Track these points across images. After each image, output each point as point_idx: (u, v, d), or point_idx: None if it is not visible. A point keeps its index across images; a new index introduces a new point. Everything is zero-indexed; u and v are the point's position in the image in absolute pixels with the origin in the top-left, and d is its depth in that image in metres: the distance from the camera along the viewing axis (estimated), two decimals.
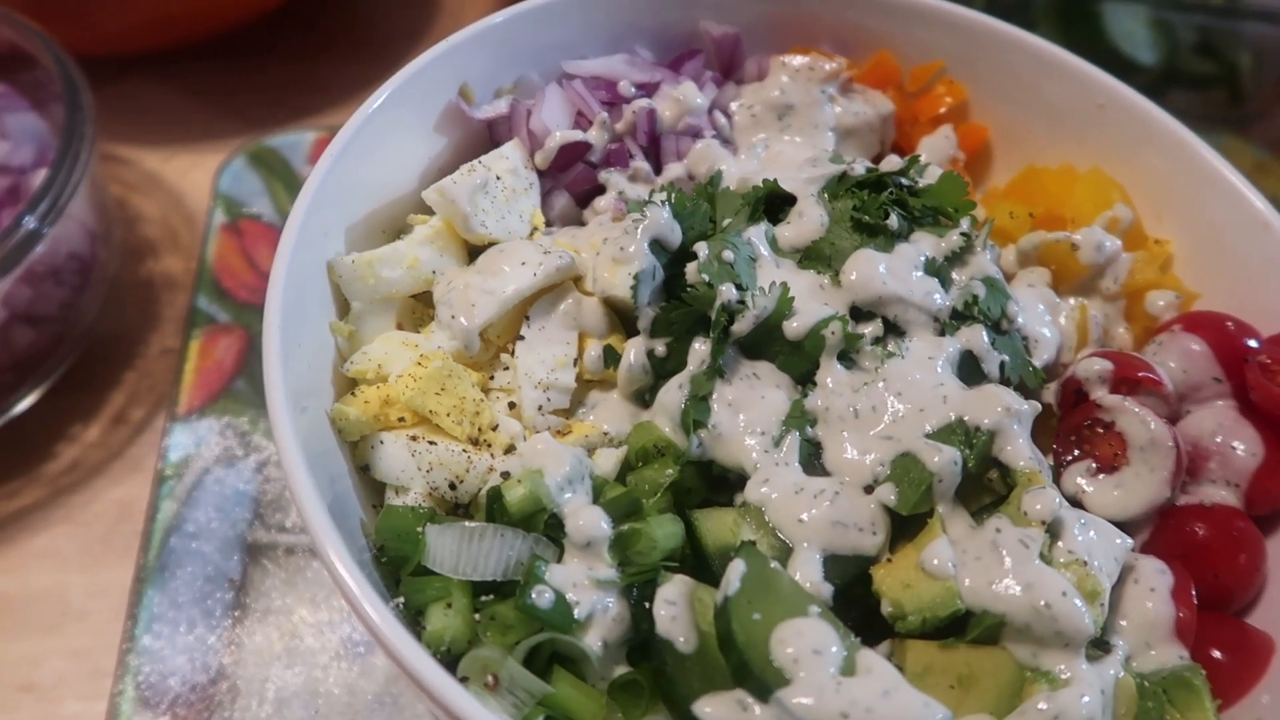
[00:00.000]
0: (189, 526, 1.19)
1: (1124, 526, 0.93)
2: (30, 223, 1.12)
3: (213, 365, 1.34)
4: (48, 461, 1.26)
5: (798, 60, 1.23)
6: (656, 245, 0.97)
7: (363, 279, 0.97)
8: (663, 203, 0.98)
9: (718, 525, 0.90)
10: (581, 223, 1.15)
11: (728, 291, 0.94)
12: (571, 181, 1.13)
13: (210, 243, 1.46)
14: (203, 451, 1.25)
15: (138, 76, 1.67)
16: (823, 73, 1.22)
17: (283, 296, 0.88)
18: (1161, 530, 0.95)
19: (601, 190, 1.14)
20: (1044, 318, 1.06)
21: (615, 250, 0.97)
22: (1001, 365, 0.98)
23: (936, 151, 1.24)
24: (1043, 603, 0.79)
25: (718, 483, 0.95)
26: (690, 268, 0.96)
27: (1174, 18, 1.64)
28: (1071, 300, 1.11)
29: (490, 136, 1.16)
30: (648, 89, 1.19)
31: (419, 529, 0.85)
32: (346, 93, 1.68)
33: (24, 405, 1.25)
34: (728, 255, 0.97)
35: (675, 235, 0.98)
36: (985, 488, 0.91)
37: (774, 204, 1.07)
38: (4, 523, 1.20)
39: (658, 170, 1.17)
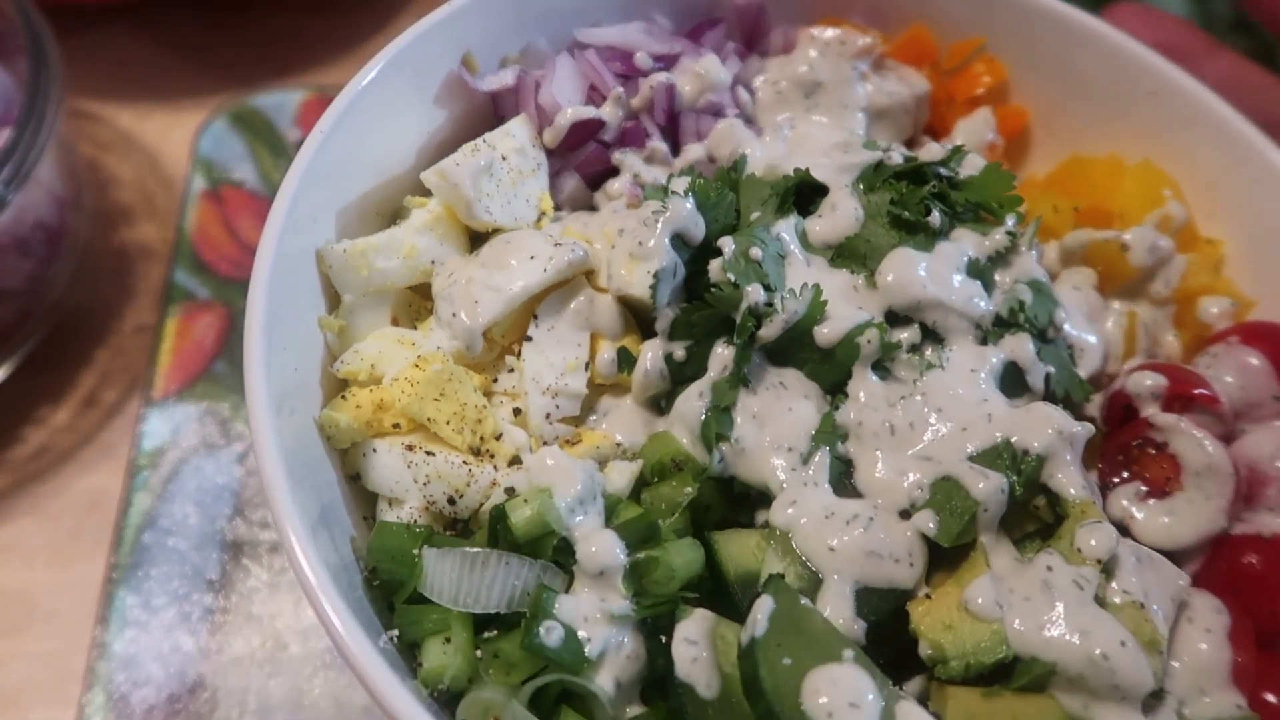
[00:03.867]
0: (164, 521, 1.11)
1: (1172, 556, 0.86)
2: None
3: (191, 345, 1.26)
4: (13, 446, 1.18)
5: (829, 33, 1.14)
6: (678, 240, 0.89)
7: (355, 270, 0.88)
8: (686, 193, 0.90)
9: (739, 549, 0.83)
10: (592, 206, 1.06)
11: (755, 293, 0.86)
12: (582, 162, 1.04)
13: (189, 211, 1.36)
14: (180, 439, 1.17)
15: (111, 26, 1.54)
16: (855, 47, 1.13)
17: (267, 291, 0.79)
18: (1214, 561, 0.88)
19: (614, 172, 1.05)
20: (1089, 324, 0.99)
21: (633, 244, 0.89)
22: (1047, 377, 0.91)
23: (974, 136, 1.15)
24: (1099, 652, 0.72)
25: (738, 499, 0.88)
26: (714, 265, 0.88)
27: None
28: (1116, 304, 1.03)
29: (494, 110, 1.06)
30: (666, 61, 1.09)
31: (415, 551, 0.78)
32: (337, 49, 1.56)
33: None
34: (755, 252, 0.88)
35: (698, 229, 0.90)
36: (1029, 514, 0.84)
37: (803, 193, 0.98)
38: None
39: (675, 151, 1.08)
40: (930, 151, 1.00)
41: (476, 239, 0.97)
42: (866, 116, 1.14)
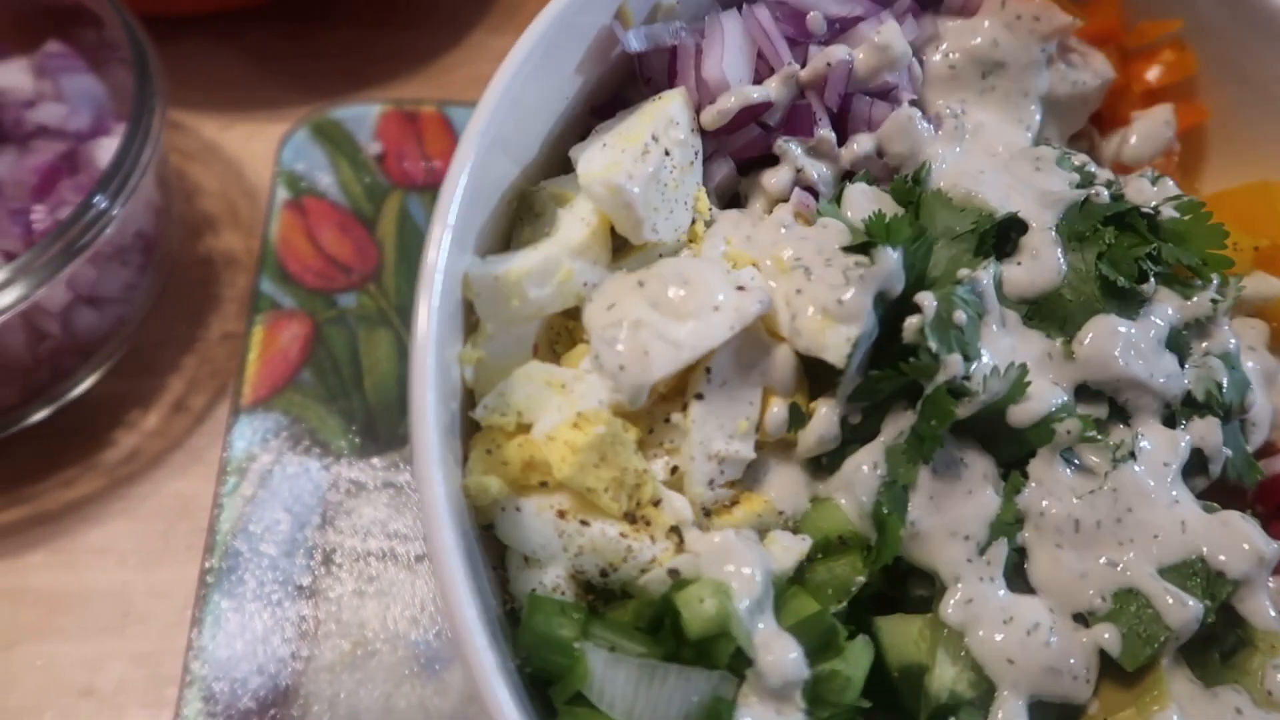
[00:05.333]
0: (254, 527, 1.07)
1: None
2: (101, 203, 1.00)
3: (277, 354, 1.19)
4: (106, 449, 1.13)
5: (1025, 6, 0.97)
6: (878, 298, 0.78)
7: (506, 300, 0.75)
8: (894, 246, 0.78)
9: (903, 639, 0.78)
10: (737, 194, 0.92)
11: (955, 364, 0.77)
12: (739, 148, 0.90)
13: (273, 221, 1.27)
14: (268, 447, 1.12)
15: (194, 37, 1.42)
16: (1051, 25, 0.97)
17: (437, 338, 0.67)
18: None
19: (769, 158, 0.91)
20: (1263, 392, 0.93)
21: (829, 300, 0.77)
22: (1225, 463, 0.86)
23: (1152, 136, 1.04)
24: None
25: (895, 575, 0.82)
26: (910, 324, 0.78)
27: None
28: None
29: (639, 70, 0.89)
30: (843, 25, 0.92)
31: (575, 644, 0.71)
32: (415, 62, 1.46)
33: (81, 388, 1.13)
34: (959, 317, 0.78)
35: (899, 285, 0.79)
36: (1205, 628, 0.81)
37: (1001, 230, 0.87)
38: (61, 514, 1.10)
39: (841, 138, 0.93)
40: (1139, 191, 0.88)
41: (618, 243, 0.83)
42: (1040, 107, 1.00)
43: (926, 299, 0.78)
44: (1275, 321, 0.96)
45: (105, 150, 1.10)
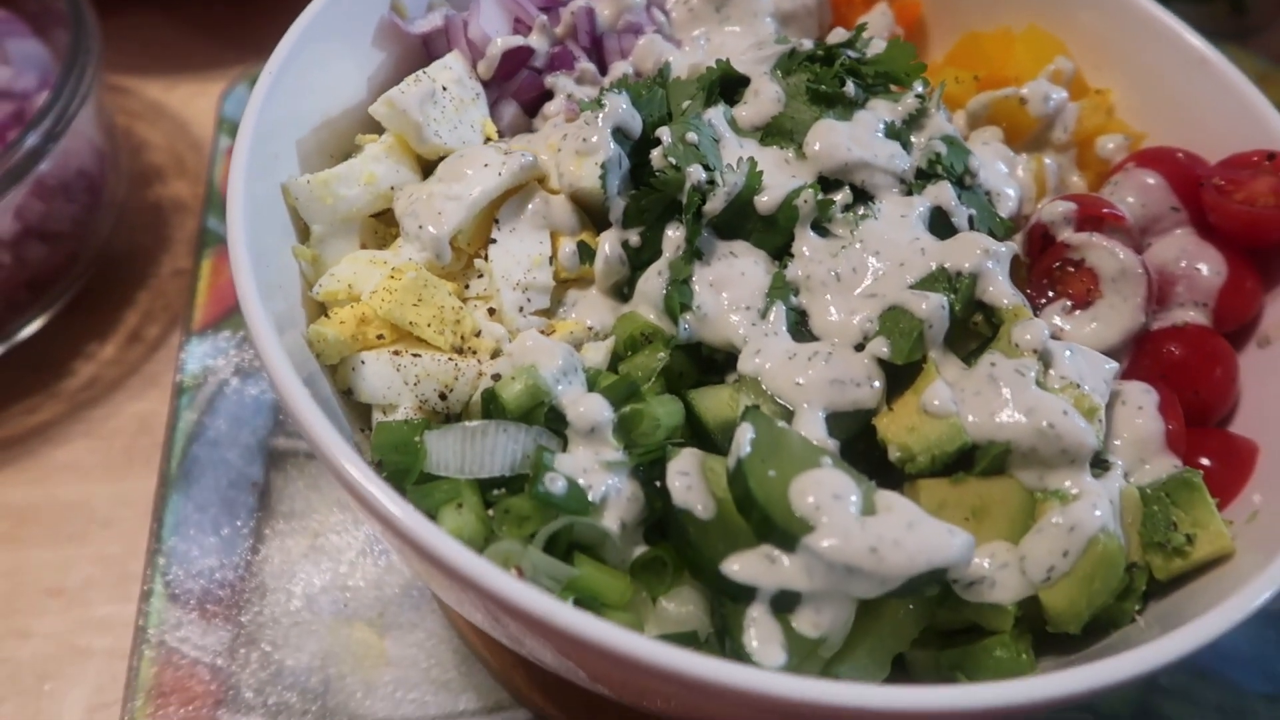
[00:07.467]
0: (210, 434, 1.18)
1: None
2: (36, 135, 1.10)
3: (226, 283, 1.33)
4: (66, 378, 1.25)
5: None
6: (619, 134, 0.96)
7: (320, 199, 0.93)
8: (619, 91, 0.97)
9: (715, 402, 0.90)
10: (532, 131, 1.12)
11: (696, 172, 0.93)
12: (518, 90, 1.11)
13: (217, 165, 1.44)
14: (220, 363, 1.25)
15: (138, 9, 1.63)
16: None
17: (245, 228, 0.84)
18: (1140, 356, 0.97)
19: (549, 96, 1.12)
20: (1003, 173, 1.08)
21: (578, 143, 0.95)
22: (970, 219, 1.00)
23: (875, 29, 1.24)
24: (1045, 423, 0.80)
25: (708, 364, 0.95)
26: (655, 153, 0.95)
27: None
28: (1025, 155, 1.13)
29: (427, 52, 1.12)
30: None
31: (416, 439, 0.83)
32: None
33: (38, 324, 1.24)
34: (691, 137, 0.96)
35: (636, 123, 0.97)
36: (972, 333, 0.93)
37: (728, 88, 1.06)
38: (25, 437, 1.19)
39: (603, 71, 1.15)
40: (837, 34, 1.08)
41: (429, 169, 1.02)
42: (775, 22, 1.22)
43: (664, 131, 0.96)
44: (1003, 122, 1.12)
45: None
